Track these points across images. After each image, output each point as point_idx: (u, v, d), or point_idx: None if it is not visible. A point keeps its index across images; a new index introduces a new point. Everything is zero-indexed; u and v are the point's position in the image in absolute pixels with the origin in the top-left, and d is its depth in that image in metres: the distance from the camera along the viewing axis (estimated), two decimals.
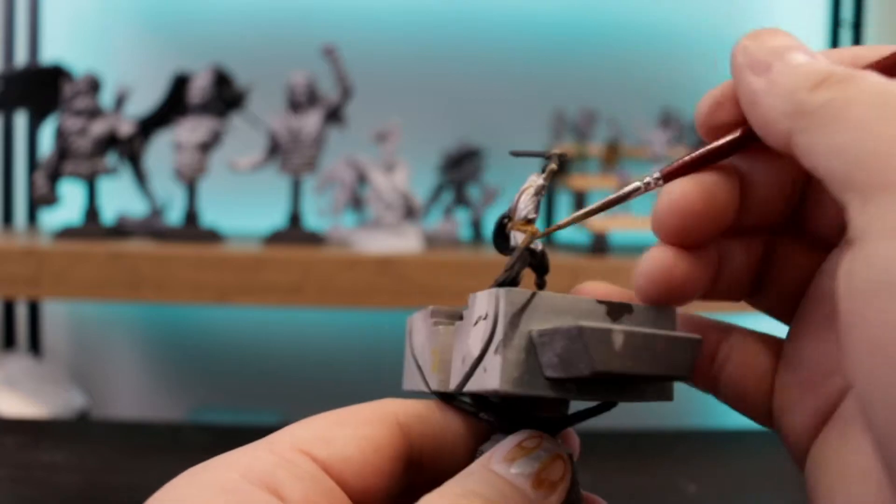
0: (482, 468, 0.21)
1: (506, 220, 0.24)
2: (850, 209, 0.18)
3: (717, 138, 0.22)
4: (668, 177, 0.23)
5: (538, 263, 0.24)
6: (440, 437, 0.23)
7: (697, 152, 0.22)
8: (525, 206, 0.24)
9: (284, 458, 0.20)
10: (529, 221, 0.24)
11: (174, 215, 1.02)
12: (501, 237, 0.24)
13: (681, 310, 0.23)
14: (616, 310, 0.22)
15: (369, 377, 1.14)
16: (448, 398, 0.24)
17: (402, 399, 0.24)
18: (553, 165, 0.24)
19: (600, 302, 0.22)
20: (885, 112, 0.17)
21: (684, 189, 0.22)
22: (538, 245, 0.24)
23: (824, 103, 0.18)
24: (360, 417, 0.23)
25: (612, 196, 0.23)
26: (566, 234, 1.00)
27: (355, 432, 0.22)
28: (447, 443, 0.23)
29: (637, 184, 0.23)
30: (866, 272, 0.17)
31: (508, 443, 0.22)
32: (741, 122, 0.21)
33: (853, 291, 0.17)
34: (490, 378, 0.21)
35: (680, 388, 0.23)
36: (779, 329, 0.24)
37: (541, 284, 0.25)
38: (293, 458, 0.21)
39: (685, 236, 0.22)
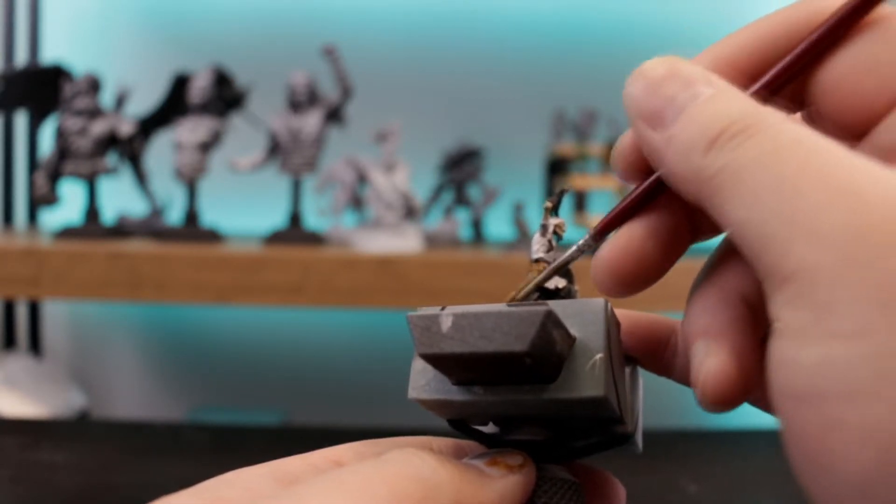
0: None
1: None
2: (765, 290, 0.17)
3: (641, 180, 0.21)
4: (599, 235, 0.22)
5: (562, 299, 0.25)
6: None
7: (620, 205, 0.22)
8: (534, 246, 0.25)
9: (314, 465, 0.21)
10: (537, 262, 0.25)
11: (174, 215, 1.02)
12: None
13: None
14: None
15: (369, 377, 1.14)
16: (459, 425, 0.24)
17: (440, 437, 0.25)
18: (547, 203, 0.25)
19: (511, 304, 0.22)
20: (779, 181, 0.16)
21: (612, 248, 0.21)
22: (556, 283, 0.24)
23: (718, 171, 0.17)
24: (396, 441, 0.23)
25: (555, 263, 0.24)
26: (566, 235, 1.00)
27: (387, 450, 0.22)
28: None
29: (573, 249, 0.23)
30: (781, 379, 0.16)
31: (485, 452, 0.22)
32: None
33: (776, 395, 0.16)
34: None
35: (680, 386, 0.23)
36: None
37: None
38: (322, 465, 0.21)
39: (623, 290, 0.22)
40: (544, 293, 0.24)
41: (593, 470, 0.25)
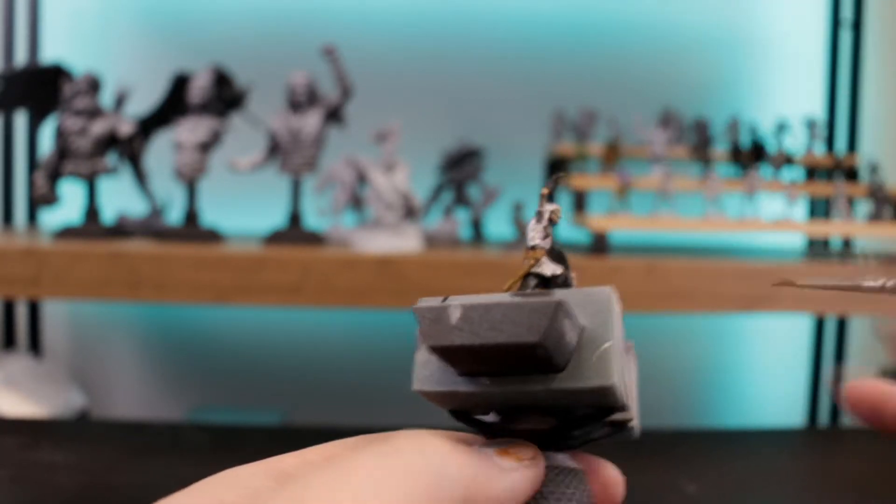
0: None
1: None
2: None
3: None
4: None
5: (559, 287, 0.25)
6: None
7: None
8: (530, 233, 0.25)
9: (310, 462, 0.21)
10: (533, 249, 0.24)
11: (174, 215, 1.02)
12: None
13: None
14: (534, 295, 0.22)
15: (369, 377, 1.14)
16: (462, 416, 0.24)
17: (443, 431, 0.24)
18: (544, 190, 0.25)
19: (516, 294, 0.22)
20: None
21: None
22: (552, 270, 0.24)
23: None
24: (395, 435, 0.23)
25: (845, 284, 0.25)
26: (566, 234, 1.00)
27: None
28: None
29: (878, 283, 0.24)
30: None
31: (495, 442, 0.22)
32: None
33: None
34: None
35: (680, 386, 0.23)
36: None
37: None
38: (318, 461, 0.21)
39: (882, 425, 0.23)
40: (542, 280, 0.24)
41: (587, 457, 0.25)
